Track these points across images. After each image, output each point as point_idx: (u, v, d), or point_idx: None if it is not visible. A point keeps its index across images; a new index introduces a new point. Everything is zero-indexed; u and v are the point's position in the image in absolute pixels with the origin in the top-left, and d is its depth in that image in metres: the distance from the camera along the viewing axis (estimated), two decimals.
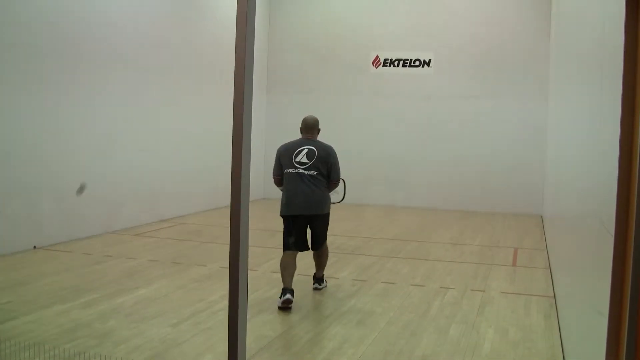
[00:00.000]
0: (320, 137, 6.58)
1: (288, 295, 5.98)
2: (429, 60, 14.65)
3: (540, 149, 13.25)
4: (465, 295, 6.69)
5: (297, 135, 6.60)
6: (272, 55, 15.78)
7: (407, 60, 14.80)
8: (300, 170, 6.25)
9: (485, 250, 9.37)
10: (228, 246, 3.05)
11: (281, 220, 6.33)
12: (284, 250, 6.29)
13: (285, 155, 6.41)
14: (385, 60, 14.95)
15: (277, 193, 6.16)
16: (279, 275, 6.27)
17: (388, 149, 14.59)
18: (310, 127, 6.64)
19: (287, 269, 6.16)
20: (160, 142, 11.22)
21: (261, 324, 5.44)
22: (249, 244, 3.21)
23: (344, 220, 8.67)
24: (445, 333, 5.34)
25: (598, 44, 3.59)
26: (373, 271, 7.98)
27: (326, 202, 6.39)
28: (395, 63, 14.88)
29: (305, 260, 8.22)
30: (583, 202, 4.14)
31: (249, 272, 4.37)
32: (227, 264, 3.11)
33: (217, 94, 12.02)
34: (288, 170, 6.31)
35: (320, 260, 6.75)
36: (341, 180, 6.62)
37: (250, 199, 3.03)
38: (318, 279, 6.90)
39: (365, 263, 8.33)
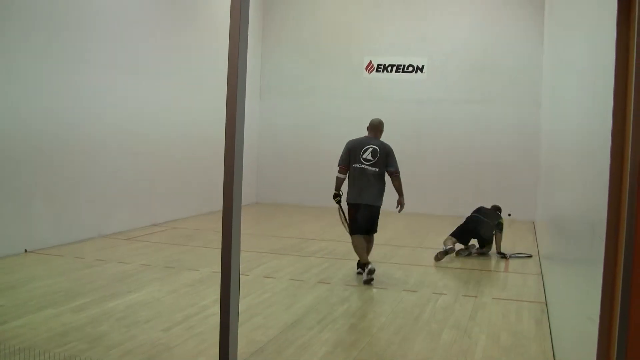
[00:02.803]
0: (313, 141, 6.75)
1: (370, 266, 7.32)
2: (422, 66, 14.70)
3: (533, 154, 13.29)
4: (457, 300, 6.69)
5: (290, 140, 6.85)
6: (265, 59, 15.78)
7: (401, 65, 14.84)
8: (365, 166, 7.48)
9: (477, 256, 9.37)
10: (220, 250, 3.05)
11: (273, 224, 6.45)
12: (351, 235, 7.58)
13: (354, 150, 7.57)
14: (378, 65, 14.98)
15: (270, 198, 6.24)
16: (271, 280, 6.64)
17: None
18: (374, 127, 7.79)
19: (361, 248, 7.49)
20: (152, 146, 11.20)
21: (253, 329, 5.43)
22: (242, 249, 3.21)
23: (337, 225, 8.67)
24: (437, 338, 5.34)
25: (591, 50, 3.61)
26: None
27: (382, 196, 7.61)
28: (389, 68, 14.91)
29: (296, 266, 8.22)
30: (574, 207, 4.16)
31: (241, 276, 4.38)
32: (220, 269, 3.11)
33: (211, 98, 12.00)
34: (355, 165, 7.52)
35: (369, 246, 7.70)
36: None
37: (243, 203, 3.03)
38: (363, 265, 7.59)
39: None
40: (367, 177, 7.46)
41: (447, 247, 8.85)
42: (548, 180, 8.20)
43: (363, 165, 7.47)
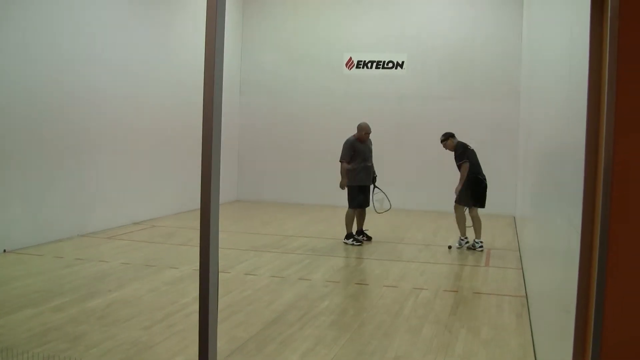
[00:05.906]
0: (293, 138, 6.78)
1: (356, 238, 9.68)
2: (402, 62, 14.74)
3: (512, 149, 13.38)
4: (438, 295, 6.73)
5: (271, 137, 7.00)
6: (245, 57, 15.74)
7: (380, 62, 14.87)
8: None
9: (458, 251, 9.43)
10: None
11: (254, 221, 6.44)
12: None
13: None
14: (358, 62, 15.00)
15: (251, 195, 6.27)
16: (252, 277, 6.89)
17: None
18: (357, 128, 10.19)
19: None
20: (132, 144, 11.12)
21: (234, 326, 5.43)
22: (223, 246, 3.20)
23: (317, 222, 8.70)
24: (418, 333, 5.37)
25: (567, 46, 3.64)
26: (346, 272, 8.00)
27: (343, 177, 10.01)
28: (369, 65, 14.94)
29: (277, 262, 8.22)
30: (552, 202, 4.20)
31: (222, 274, 4.38)
32: None
33: (190, 95, 11.92)
34: None
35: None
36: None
37: (224, 200, 3.02)
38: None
39: (338, 264, 8.35)
40: None
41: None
42: (527, 175, 8.25)
43: None
